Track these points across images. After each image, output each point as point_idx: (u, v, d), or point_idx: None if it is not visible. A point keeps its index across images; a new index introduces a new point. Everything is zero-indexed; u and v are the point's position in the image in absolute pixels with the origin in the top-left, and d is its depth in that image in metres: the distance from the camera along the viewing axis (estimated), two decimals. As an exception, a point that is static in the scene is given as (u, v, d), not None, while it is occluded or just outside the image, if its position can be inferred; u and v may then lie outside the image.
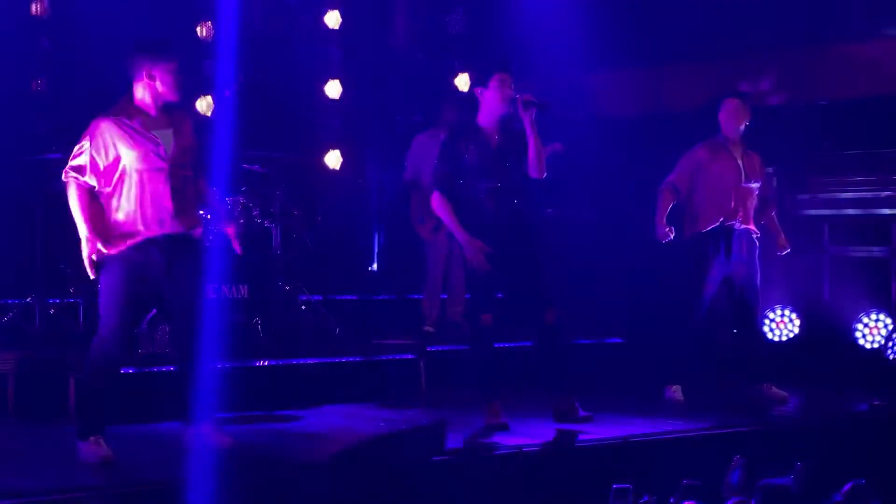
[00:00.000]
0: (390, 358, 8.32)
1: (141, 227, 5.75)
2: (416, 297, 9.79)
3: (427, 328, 9.51)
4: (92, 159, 5.78)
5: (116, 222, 5.77)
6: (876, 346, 8.83)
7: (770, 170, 9.89)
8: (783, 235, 8.12)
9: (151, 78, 5.84)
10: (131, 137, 5.76)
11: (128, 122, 5.79)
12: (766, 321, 9.54)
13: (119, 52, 9.75)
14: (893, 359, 8.77)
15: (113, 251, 5.72)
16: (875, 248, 9.36)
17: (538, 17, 11.76)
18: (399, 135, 11.19)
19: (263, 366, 7.65)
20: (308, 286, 9.12)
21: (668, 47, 11.47)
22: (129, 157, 5.74)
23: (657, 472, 6.14)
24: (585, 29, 11.28)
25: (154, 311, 7.80)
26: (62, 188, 8.76)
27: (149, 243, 5.76)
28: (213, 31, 10.41)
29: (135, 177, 5.75)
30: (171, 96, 5.87)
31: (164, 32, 10.10)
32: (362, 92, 11.47)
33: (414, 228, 9.57)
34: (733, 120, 7.83)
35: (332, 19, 11.27)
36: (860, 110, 10.36)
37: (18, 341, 7.88)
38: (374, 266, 11.42)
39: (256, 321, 8.27)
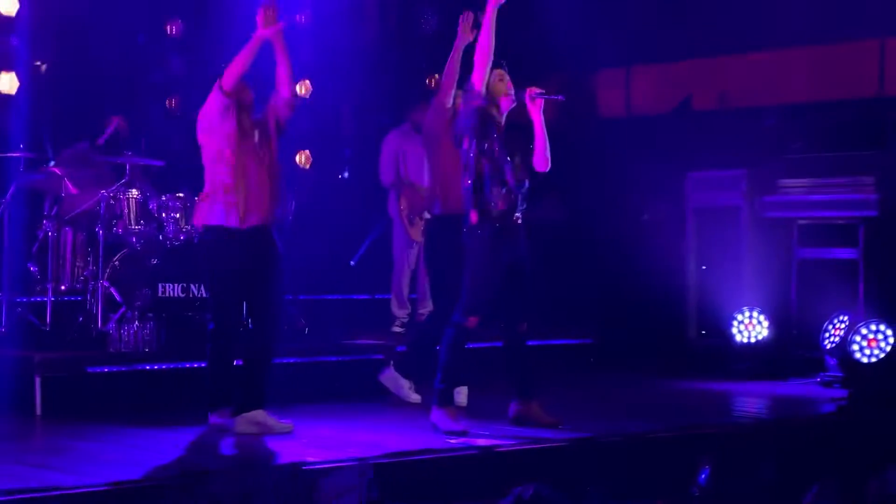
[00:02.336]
0: (358, 358, 8.34)
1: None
2: (388, 297, 9.80)
3: (396, 328, 9.54)
4: None
5: None
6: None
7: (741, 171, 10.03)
8: None
9: None
10: None
11: None
12: (735, 322, 9.61)
13: (88, 53, 9.81)
14: (829, 347, 8.91)
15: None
16: (844, 251, 9.45)
17: (515, 17, 11.79)
18: (370, 134, 11.21)
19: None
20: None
21: (637, 48, 11.56)
22: None
23: (625, 473, 6.21)
24: (556, 30, 11.33)
25: (123, 308, 7.82)
26: (28, 186, 8.78)
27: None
28: (181, 28, 10.44)
29: None
30: None
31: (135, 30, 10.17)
32: (333, 91, 11.48)
33: (399, 228, 9.54)
34: None
35: (304, 17, 11.29)
36: (830, 113, 10.47)
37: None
38: (352, 263, 11.40)
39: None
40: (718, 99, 11.01)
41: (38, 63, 9.94)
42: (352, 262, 11.27)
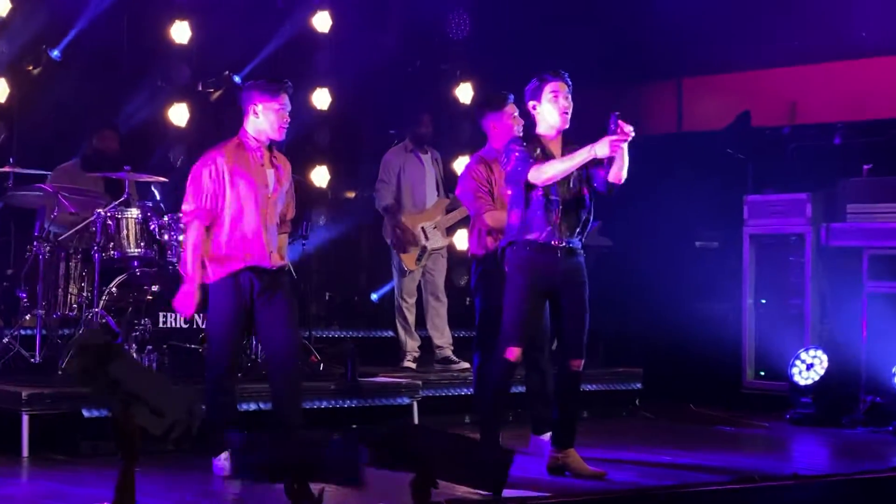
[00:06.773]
0: (383, 403, 8.40)
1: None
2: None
3: (408, 363, 9.51)
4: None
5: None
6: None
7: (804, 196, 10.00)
8: None
9: (256, 114, 6.60)
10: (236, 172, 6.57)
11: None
12: (797, 363, 9.56)
13: (81, 69, 9.89)
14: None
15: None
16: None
17: (548, 19, 11.78)
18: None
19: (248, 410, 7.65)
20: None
21: (689, 58, 11.56)
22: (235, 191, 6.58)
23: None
24: (601, 40, 11.32)
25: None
26: (18, 204, 8.86)
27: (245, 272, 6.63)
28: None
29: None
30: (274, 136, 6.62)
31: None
32: (353, 102, 11.49)
33: (396, 256, 9.55)
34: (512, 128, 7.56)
35: (322, 21, 11.30)
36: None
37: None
38: (374, 297, 11.40)
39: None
40: (785, 114, 11.00)
41: (30, 68, 10.03)
42: (374, 297, 11.27)
